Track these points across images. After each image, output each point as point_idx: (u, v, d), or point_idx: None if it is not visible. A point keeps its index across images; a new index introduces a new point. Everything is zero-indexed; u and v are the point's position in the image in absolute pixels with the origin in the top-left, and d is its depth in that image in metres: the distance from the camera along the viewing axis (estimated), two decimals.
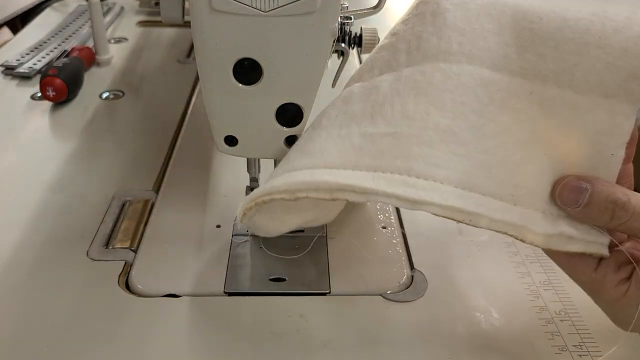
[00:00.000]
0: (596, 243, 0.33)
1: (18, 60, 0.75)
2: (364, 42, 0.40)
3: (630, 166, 0.35)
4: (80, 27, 0.85)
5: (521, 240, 0.33)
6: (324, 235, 0.47)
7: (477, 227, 0.32)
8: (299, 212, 0.43)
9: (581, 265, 0.34)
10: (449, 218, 0.32)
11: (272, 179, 0.37)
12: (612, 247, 0.34)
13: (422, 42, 0.35)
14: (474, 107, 0.33)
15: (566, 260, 0.35)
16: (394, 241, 0.47)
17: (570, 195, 0.33)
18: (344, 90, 0.38)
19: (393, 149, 0.33)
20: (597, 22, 0.32)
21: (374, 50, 0.39)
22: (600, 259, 0.34)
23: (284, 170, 0.36)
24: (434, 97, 0.34)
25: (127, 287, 0.42)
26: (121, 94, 0.70)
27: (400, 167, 0.33)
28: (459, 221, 0.32)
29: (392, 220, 0.49)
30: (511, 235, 0.33)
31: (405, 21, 0.38)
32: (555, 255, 0.36)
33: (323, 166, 0.34)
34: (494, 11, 0.34)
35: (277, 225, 0.43)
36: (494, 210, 0.32)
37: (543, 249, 0.35)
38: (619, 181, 0.34)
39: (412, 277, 0.44)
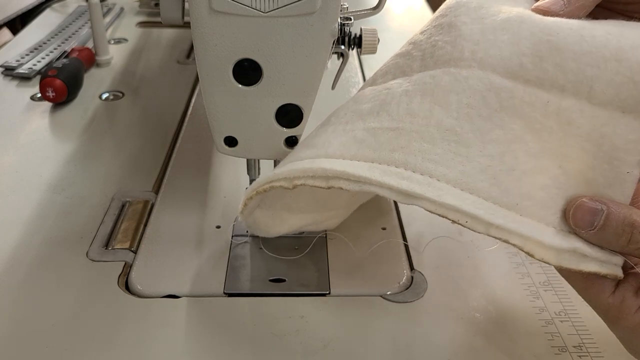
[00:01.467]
0: (610, 263, 0.32)
1: (18, 61, 0.75)
2: (363, 42, 0.40)
3: None
4: (80, 28, 0.85)
5: (528, 254, 0.31)
6: (324, 236, 0.47)
7: (474, 231, 0.32)
8: (300, 212, 0.43)
9: (597, 288, 0.33)
10: (443, 216, 0.32)
11: (276, 169, 0.37)
12: (628, 269, 0.32)
13: (436, 50, 0.36)
14: (481, 111, 0.33)
15: (582, 282, 0.34)
16: (394, 242, 0.47)
17: (584, 217, 0.31)
18: (357, 93, 0.39)
19: (392, 142, 0.34)
20: (614, 40, 0.32)
21: (390, 58, 0.39)
22: (618, 282, 0.32)
23: (288, 161, 0.37)
24: (439, 97, 0.34)
25: (127, 288, 0.42)
26: (121, 94, 0.70)
27: (398, 160, 0.33)
28: (453, 221, 0.32)
29: (392, 221, 0.49)
30: (514, 245, 0.31)
31: (423, 32, 0.38)
32: (570, 277, 0.34)
33: (324, 156, 0.35)
34: (511, 26, 0.34)
35: (277, 224, 0.44)
36: (496, 216, 0.31)
37: (557, 269, 0.34)
38: (632, 201, 0.32)
39: (412, 277, 0.44)
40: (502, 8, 0.36)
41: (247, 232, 0.46)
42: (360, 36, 0.40)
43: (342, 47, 0.40)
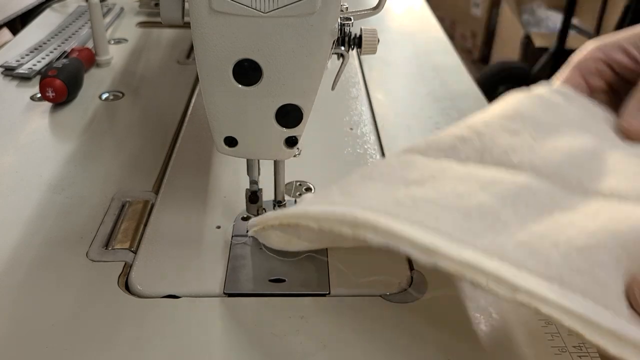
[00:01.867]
0: None
1: (18, 61, 0.75)
2: (363, 43, 0.40)
3: None
4: (80, 28, 0.85)
5: (578, 336, 0.28)
6: None
7: (497, 296, 0.29)
8: (309, 242, 0.43)
9: None
10: (460, 275, 0.30)
11: (307, 204, 0.36)
12: None
13: (496, 149, 0.37)
14: (528, 201, 0.34)
15: None
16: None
17: None
18: (406, 155, 0.39)
19: (428, 209, 0.33)
20: None
21: (450, 133, 0.39)
22: None
23: (322, 202, 0.36)
24: (487, 185, 0.35)
25: (127, 288, 0.42)
26: (121, 94, 0.70)
27: (428, 225, 0.32)
28: (472, 283, 0.30)
29: None
30: (557, 321, 0.28)
31: (488, 125, 0.39)
32: None
33: (360, 207, 0.34)
34: (575, 152, 0.37)
35: (282, 243, 0.44)
36: (536, 284, 0.28)
37: None
38: None
39: (412, 277, 0.44)
40: (572, 130, 0.38)
41: (247, 232, 0.46)
42: (360, 36, 0.40)
43: (342, 48, 0.40)
